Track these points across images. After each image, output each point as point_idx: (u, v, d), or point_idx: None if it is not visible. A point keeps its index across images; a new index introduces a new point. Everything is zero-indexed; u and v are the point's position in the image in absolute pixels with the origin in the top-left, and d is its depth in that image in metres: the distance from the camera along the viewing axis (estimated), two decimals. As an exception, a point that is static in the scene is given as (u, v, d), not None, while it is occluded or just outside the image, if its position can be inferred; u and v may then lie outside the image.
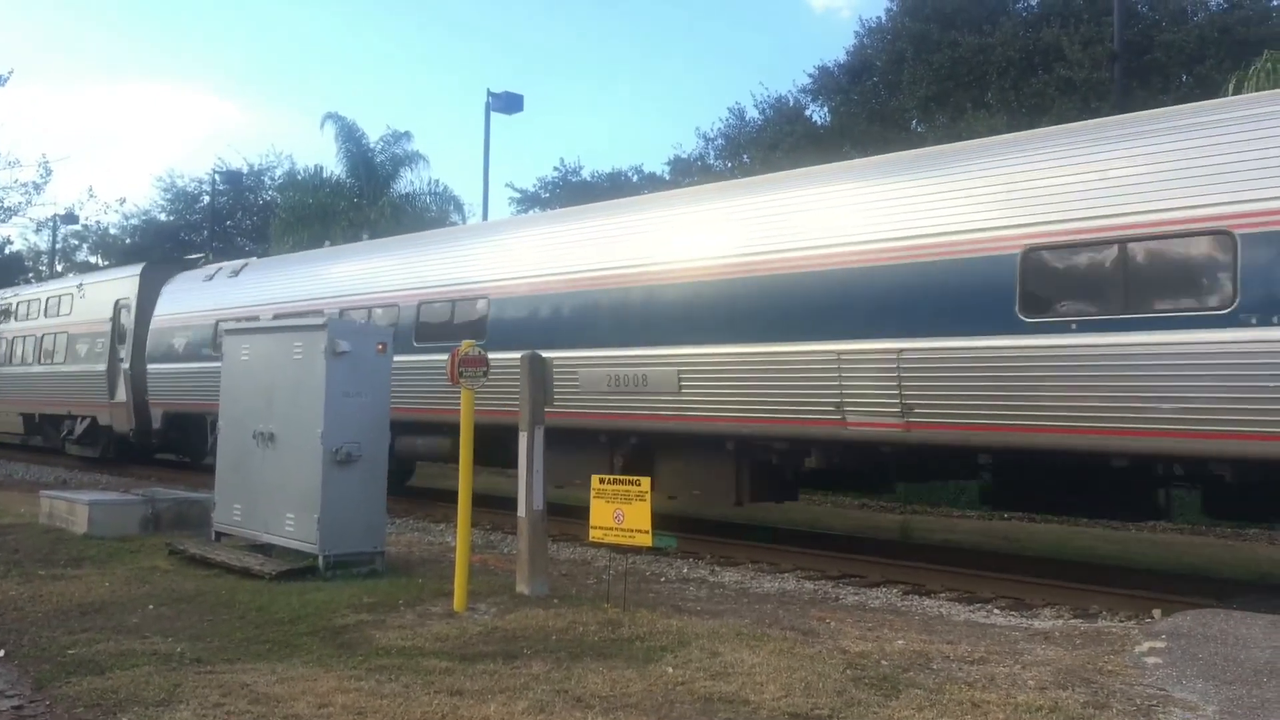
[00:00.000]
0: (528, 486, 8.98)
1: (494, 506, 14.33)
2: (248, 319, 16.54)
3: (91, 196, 44.17)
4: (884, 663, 6.63)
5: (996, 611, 9.29)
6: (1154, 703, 5.79)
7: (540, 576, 8.98)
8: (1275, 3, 25.94)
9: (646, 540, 8.33)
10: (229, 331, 11.63)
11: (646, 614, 7.98)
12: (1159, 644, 7.02)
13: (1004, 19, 26.83)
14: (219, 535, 11.00)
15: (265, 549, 10.29)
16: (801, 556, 11.67)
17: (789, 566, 11.28)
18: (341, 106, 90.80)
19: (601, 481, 8.57)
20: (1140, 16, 25.83)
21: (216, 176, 43.24)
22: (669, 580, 10.48)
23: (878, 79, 28.90)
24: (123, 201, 61.16)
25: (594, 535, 8.53)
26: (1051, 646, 7.32)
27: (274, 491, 10.20)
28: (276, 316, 16.20)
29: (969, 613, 9.20)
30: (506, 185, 46.17)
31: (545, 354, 9.50)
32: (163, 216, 47.86)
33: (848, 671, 6.36)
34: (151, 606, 8.31)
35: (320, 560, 9.51)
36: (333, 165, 38.21)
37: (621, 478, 8.63)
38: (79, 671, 6.32)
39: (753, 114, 31.36)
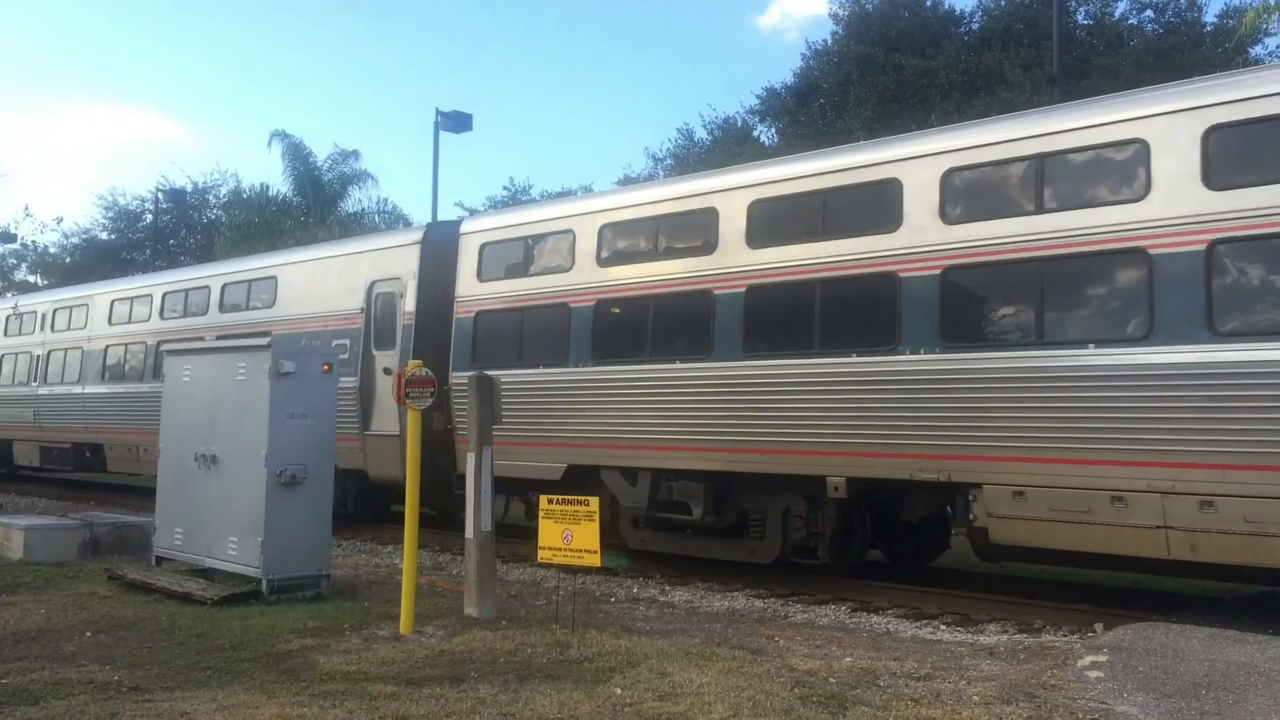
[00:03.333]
0: (475, 508, 8.92)
1: (443, 528, 14.21)
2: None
3: (28, 215, 43.20)
4: (831, 680, 6.66)
5: (943, 627, 9.37)
6: (1096, 716, 5.87)
7: (488, 598, 8.91)
8: (1209, 28, 26.63)
9: (595, 560, 8.31)
10: (169, 351, 11.44)
11: (595, 634, 7.95)
12: (1101, 658, 7.12)
13: (946, 42, 27.26)
14: (160, 560, 10.79)
15: (207, 574, 10.11)
16: (751, 575, 11.68)
17: (739, 585, 11.28)
18: (289, 125, 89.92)
19: (550, 502, 8.54)
20: (1079, 41, 26.38)
21: (160, 195, 42.61)
22: (619, 600, 10.44)
23: (824, 100, 29.21)
24: (60, 221, 59.99)
25: (543, 556, 8.49)
26: (996, 661, 7.40)
27: (216, 515, 10.03)
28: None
29: (916, 629, 9.27)
30: (456, 204, 46.12)
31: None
32: (104, 235, 47.04)
33: (796, 690, 6.38)
34: (89, 634, 8.12)
35: (264, 584, 9.36)
36: (279, 184, 38.08)
37: (570, 497, 8.61)
38: (12, 701, 6.15)
39: (701, 135, 31.59)
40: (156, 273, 25.85)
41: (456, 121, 28.87)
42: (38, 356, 23.09)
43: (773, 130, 30.69)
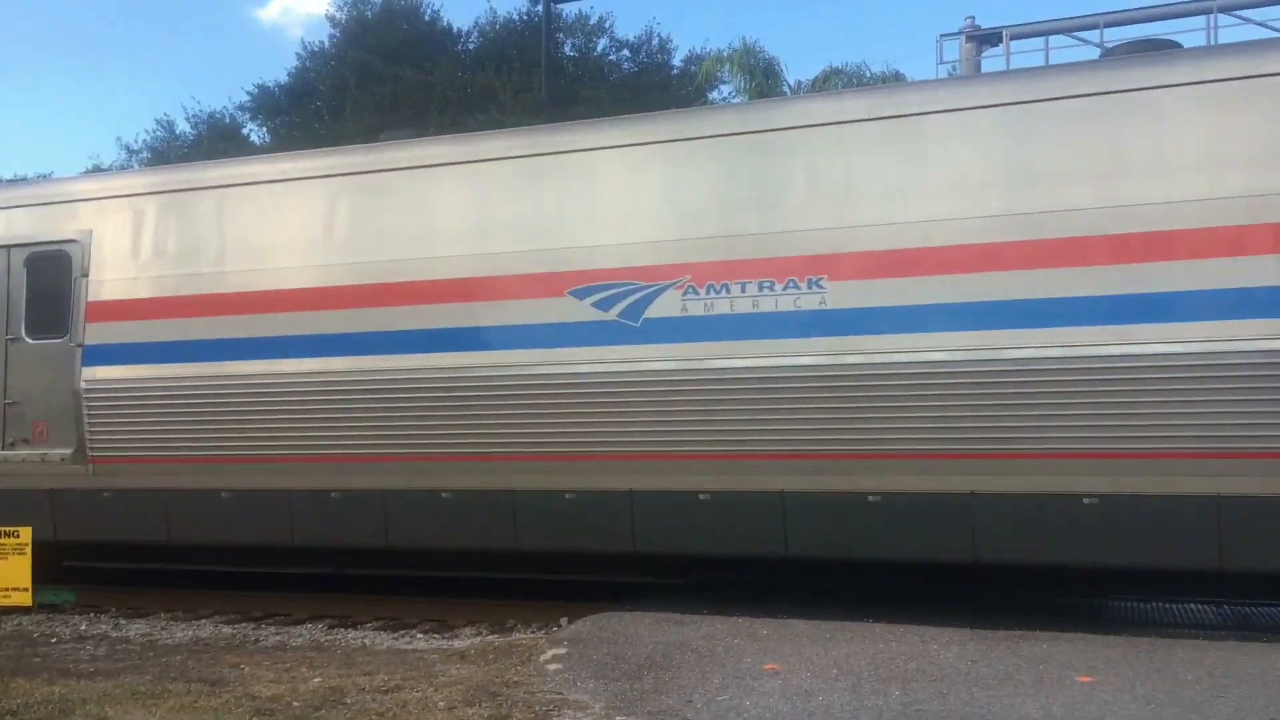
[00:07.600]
0: None
1: None
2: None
3: None
4: (295, 704, 6.37)
5: (420, 636, 9.38)
6: (550, 707, 6.14)
7: (-118, 654, 7.48)
8: (676, 71, 29.81)
9: (26, 599, 7.36)
10: None
11: (24, 683, 6.97)
12: (561, 650, 7.51)
13: (444, 58, 27.89)
14: None
15: None
16: (223, 599, 10.94)
17: (208, 611, 10.49)
18: None
19: (-32, 534, 7.37)
20: (566, 71, 28.26)
21: None
22: (62, 641, 9.23)
23: (321, 104, 28.56)
24: None
25: (-42, 598, 7.30)
26: (466, 665, 7.54)
27: None
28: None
29: (392, 640, 9.20)
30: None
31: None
32: None
33: (255, 719, 6.03)
34: None
35: None
36: None
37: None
38: None
39: (184, 127, 29.49)
40: None
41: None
42: None
43: (264, 129, 29.43)
